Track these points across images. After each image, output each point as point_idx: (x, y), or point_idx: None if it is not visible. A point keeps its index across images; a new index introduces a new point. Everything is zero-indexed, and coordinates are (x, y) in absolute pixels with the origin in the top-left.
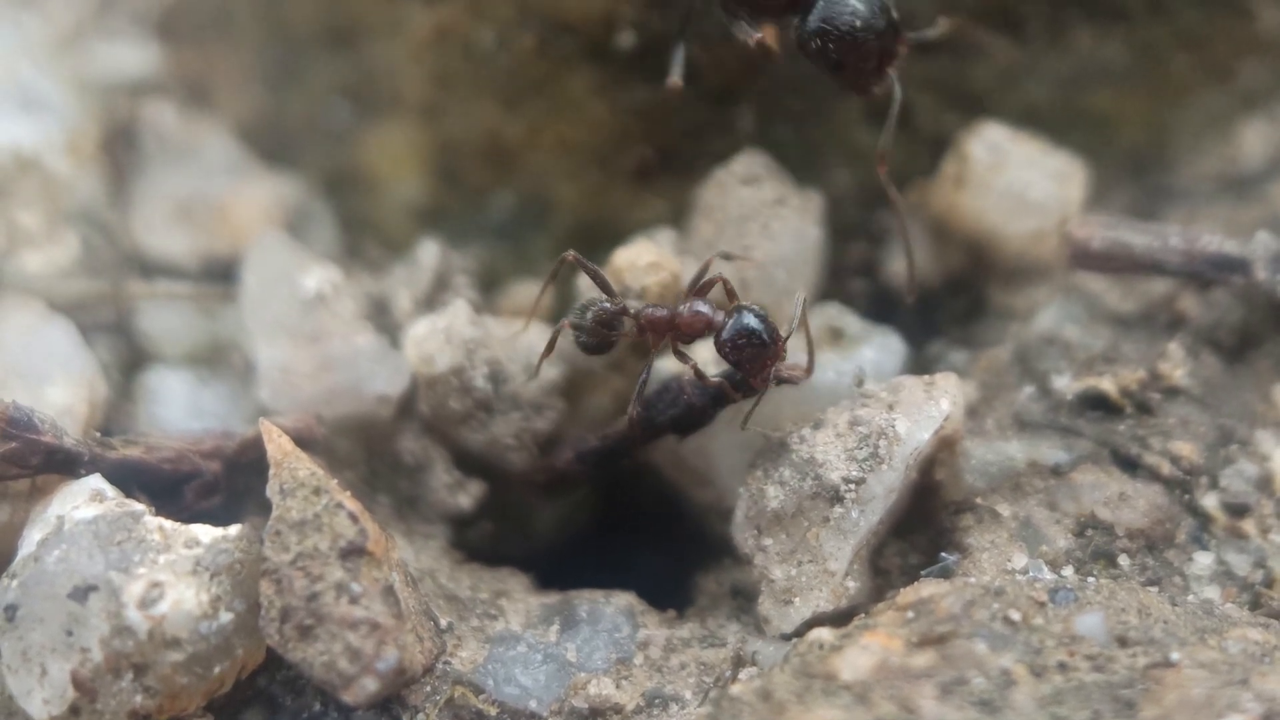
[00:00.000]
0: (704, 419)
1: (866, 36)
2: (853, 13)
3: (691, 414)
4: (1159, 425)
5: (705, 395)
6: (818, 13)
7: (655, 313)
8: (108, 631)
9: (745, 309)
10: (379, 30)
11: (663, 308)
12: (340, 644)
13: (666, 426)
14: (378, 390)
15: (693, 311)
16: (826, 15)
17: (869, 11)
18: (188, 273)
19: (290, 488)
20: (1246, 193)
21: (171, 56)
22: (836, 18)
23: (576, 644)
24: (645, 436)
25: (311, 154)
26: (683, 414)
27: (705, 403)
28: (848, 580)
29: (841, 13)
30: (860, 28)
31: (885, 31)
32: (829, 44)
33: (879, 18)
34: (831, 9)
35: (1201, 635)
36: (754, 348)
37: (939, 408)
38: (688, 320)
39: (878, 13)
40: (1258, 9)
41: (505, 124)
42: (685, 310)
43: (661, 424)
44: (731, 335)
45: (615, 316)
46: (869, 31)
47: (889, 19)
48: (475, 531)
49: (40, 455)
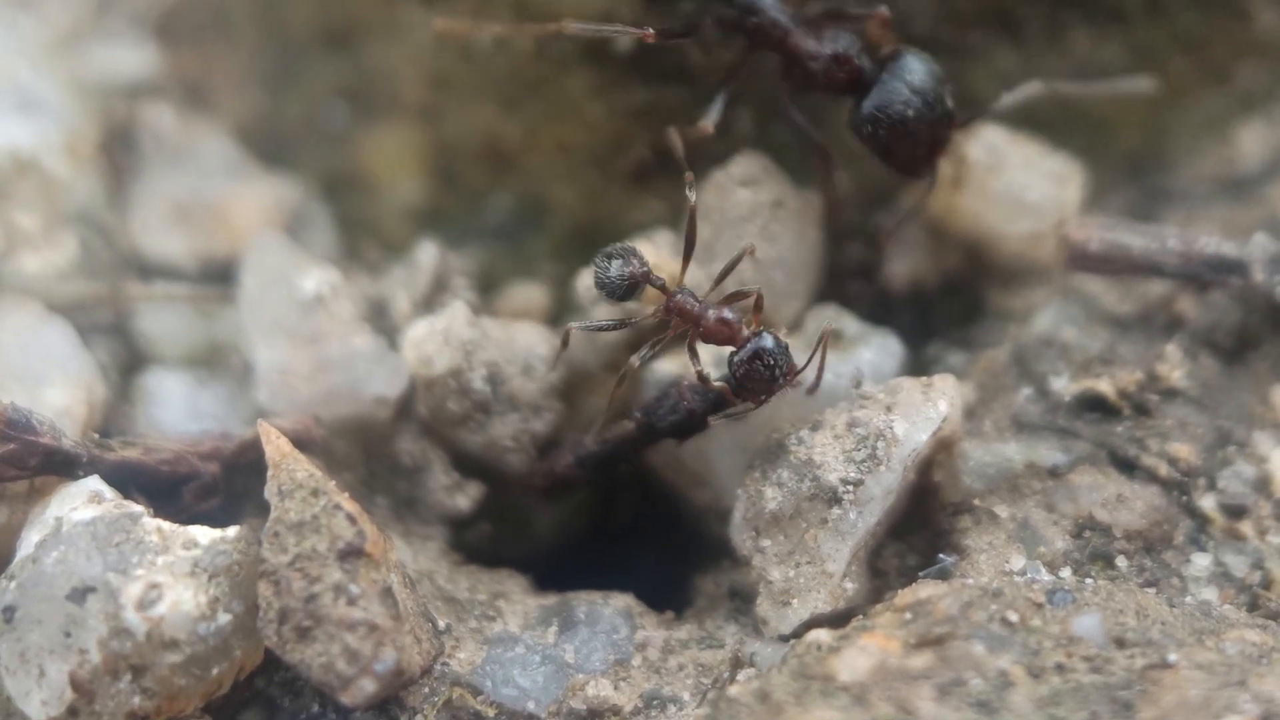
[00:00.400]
0: (703, 424)
1: (919, 125)
2: (906, 102)
3: (691, 419)
4: (1157, 427)
5: (705, 401)
6: (873, 99)
7: (687, 302)
8: (106, 633)
9: (768, 334)
10: (377, 32)
11: (695, 300)
12: (338, 645)
13: (666, 432)
14: (376, 392)
15: (720, 319)
16: (881, 103)
17: (923, 101)
18: (186, 274)
19: (288, 489)
20: (1244, 194)
21: (170, 58)
22: (890, 105)
23: (575, 645)
24: (645, 441)
25: (310, 155)
26: (683, 420)
27: (705, 408)
28: (846, 582)
29: (895, 101)
30: (913, 117)
31: (938, 120)
32: (880, 130)
33: (933, 107)
34: (886, 96)
35: (1199, 636)
36: (766, 374)
37: (937, 409)
38: (713, 326)
39: (932, 102)
40: (1256, 11)
41: (503, 126)
42: (713, 316)
43: (661, 429)
44: (747, 358)
45: (640, 278)
46: (921, 121)
47: (944, 108)
48: (473, 533)
49: (38, 457)
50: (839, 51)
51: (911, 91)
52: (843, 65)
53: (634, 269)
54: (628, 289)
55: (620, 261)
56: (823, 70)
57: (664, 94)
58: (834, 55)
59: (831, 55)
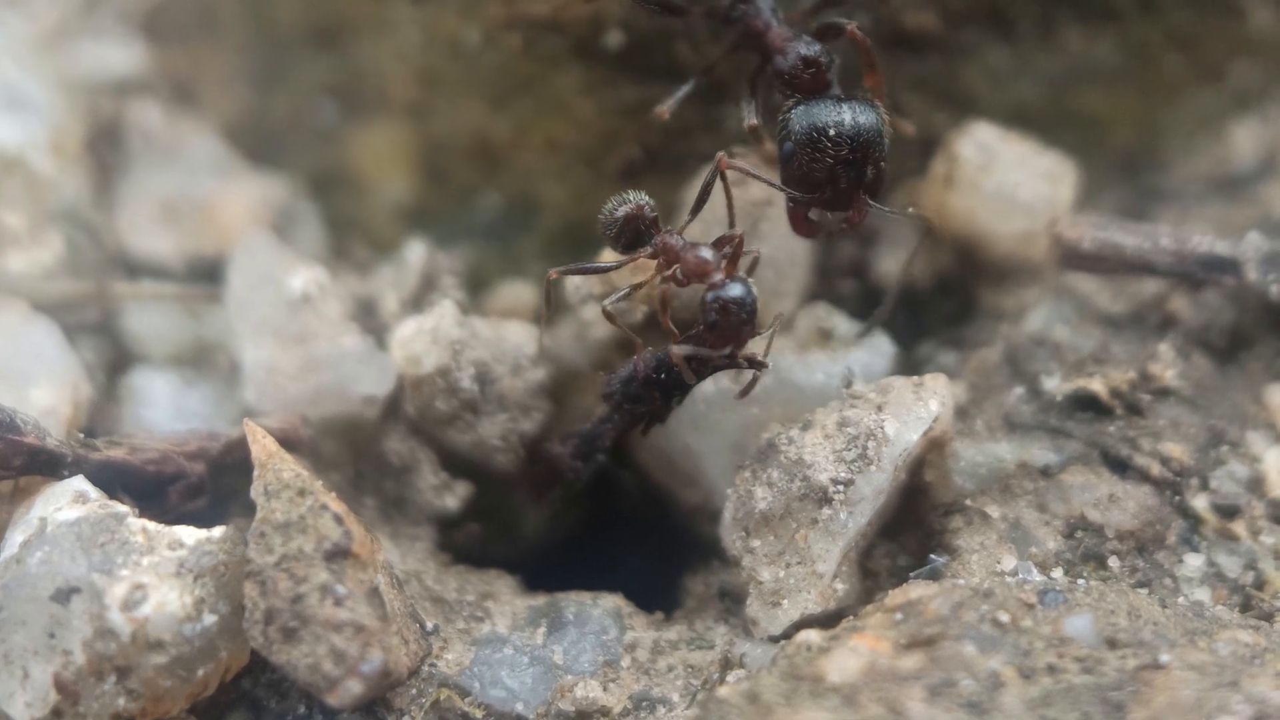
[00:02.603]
0: (665, 390)
1: (828, 164)
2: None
3: (646, 382)
4: (1149, 426)
5: (655, 360)
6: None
7: (670, 239)
8: (90, 634)
9: (744, 279)
10: (365, 30)
11: (679, 239)
12: (325, 646)
13: (634, 399)
14: (364, 391)
15: (698, 257)
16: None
17: (850, 147)
18: (173, 273)
19: (275, 489)
20: (1238, 193)
21: (157, 56)
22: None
23: (563, 646)
24: (622, 415)
25: (298, 154)
26: (640, 385)
27: (651, 367)
28: (836, 582)
29: (827, 123)
30: (830, 150)
31: (851, 175)
32: (790, 143)
33: (854, 161)
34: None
35: (1191, 637)
36: (734, 319)
37: (928, 409)
38: (691, 263)
39: (856, 155)
40: (1249, 9)
41: (492, 124)
42: (692, 254)
43: (630, 398)
44: (714, 298)
45: (636, 219)
46: (834, 162)
47: (863, 169)
48: (462, 533)
49: (23, 456)
50: (809, 54)
51: (846, 131)
52: (809, 67)
53: (629, 209)
54: (624, 229)
55: (628, 207)
56: (789, 68)
57: (653, 91)
58: (803, 56)
59: (801, 56)
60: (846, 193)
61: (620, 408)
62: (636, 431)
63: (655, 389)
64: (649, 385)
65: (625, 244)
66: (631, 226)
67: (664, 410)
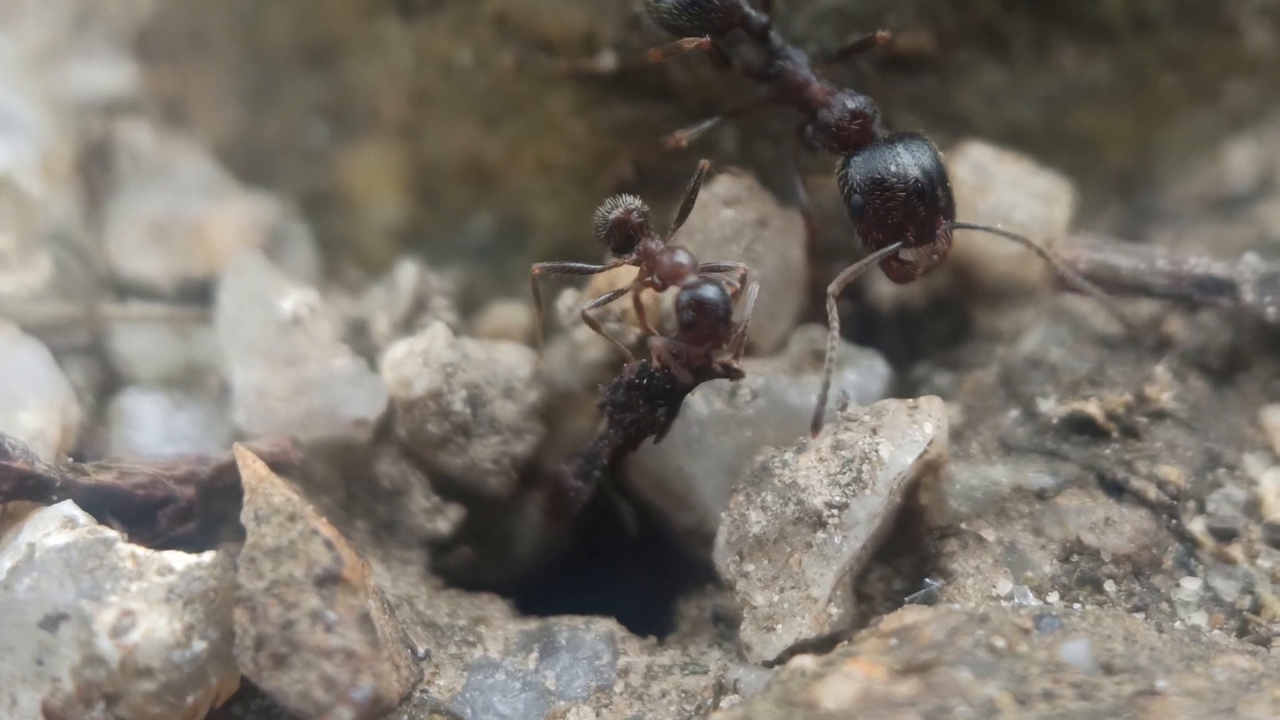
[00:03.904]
0: (648, 395)
1: (902, 202)
2: (900, 172)
3: (631, 389)
4: (1145, 449)
5: (637, 366)
6: (864, 159)
7: (649, 244)
8: (79, 661)
9: (718, 281)
10: (357, 50)
11: (658, 243)
12: (315, 673)
13: (626, 409)
14: (355, 414)
15: (675, 261)
16: (873, 166)
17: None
18: (163, 294)
19: (265, 514)
20: (1234, 213)
21: (147, 76)
22: (882, 169)
23: (556, 671)
24: (619, 431)
25: (289, 174)
26: (626, 393)
27: (633, 375)
28: (830, 606)
29: (887, 166)
30: (898, 189)
31: (927, 206)
32: (859, 193)
33: (925, 194)
34: (882, 160)
35: (1188, 663)
36: (708, 319)
37: (923, 431)
38: (667, 266)
39: (925, 188)
40: (1245, 29)
41: (484, 144)
42: (668, 257)
43: (621, 408)
44: (687, 299)
45: (625, 222)
46: (908, 199)
47: (936, 199)
48: (454, 556)
49: (11, 481)
50: (856, 106)
51: (909, 167)
52: (856, 119)
53: (619, 214)
54: (613, 232)
55: (618, 211)
56: (836, 121)
57: (646, 111)
58: (850, 109)
59: (848, 109)
60: (928, 223)
61: (612, 419)
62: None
63: (640, 395)
64: (633, 391)
65: (615, 247)
66: (620, 230)
67: (653, 421)
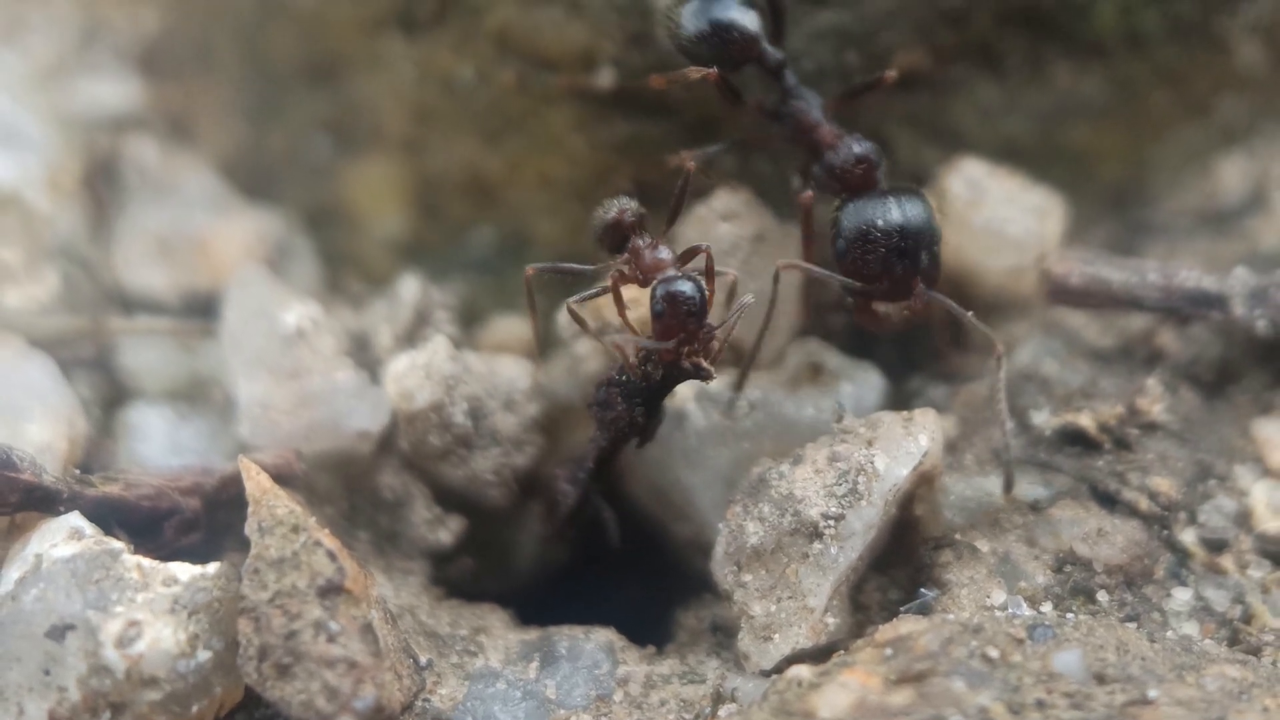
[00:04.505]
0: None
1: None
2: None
3: (610, 387)
4: (1137, 461)
5: (615, 364)
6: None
7: (637, 242)
8: (85, 671)
9: (694, 277)
10: (359, 66)
11: (646, 240)
12: (318, 682)
13: (608, 408)
14: (358, 426)
15: (655, 257)
16: (863, 215)
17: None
18: (168, 308)
19: (269, 525)
20: (1225, 228)
21: (153, 92)
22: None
23: (556, 681)
24: (605, 435)
25: (292, 189)
26: (608, 393)
27: (610, 375)
28: (827, 616)
29: (875, 219)
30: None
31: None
32: (843, 241)
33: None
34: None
35: (1180, 672)
36: (680, 311)
37: (918, 444)
38: (648, 260)
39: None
40: (1235, 45)
41: (485, 159)
42: (649, 254)
43: (604, 409)
44: (660, 292)
45: (627, 228)
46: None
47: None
48: (455, 567)
49: (19, 493)
50: (861, 151)
51: (895, 222)
52: (860, 164)
53: (614, 214)
54: (607, 232)
55: (614, 210)
56: (840, 164)
57: (646, 127)
58: (855, 154)
59: (853, 153)
60: (904, 282)
61: (597, 419)
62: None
63: (618, 392)
64: (612, 388)
65: (609, 247)
66: (614, 230)
67: (632, 420)
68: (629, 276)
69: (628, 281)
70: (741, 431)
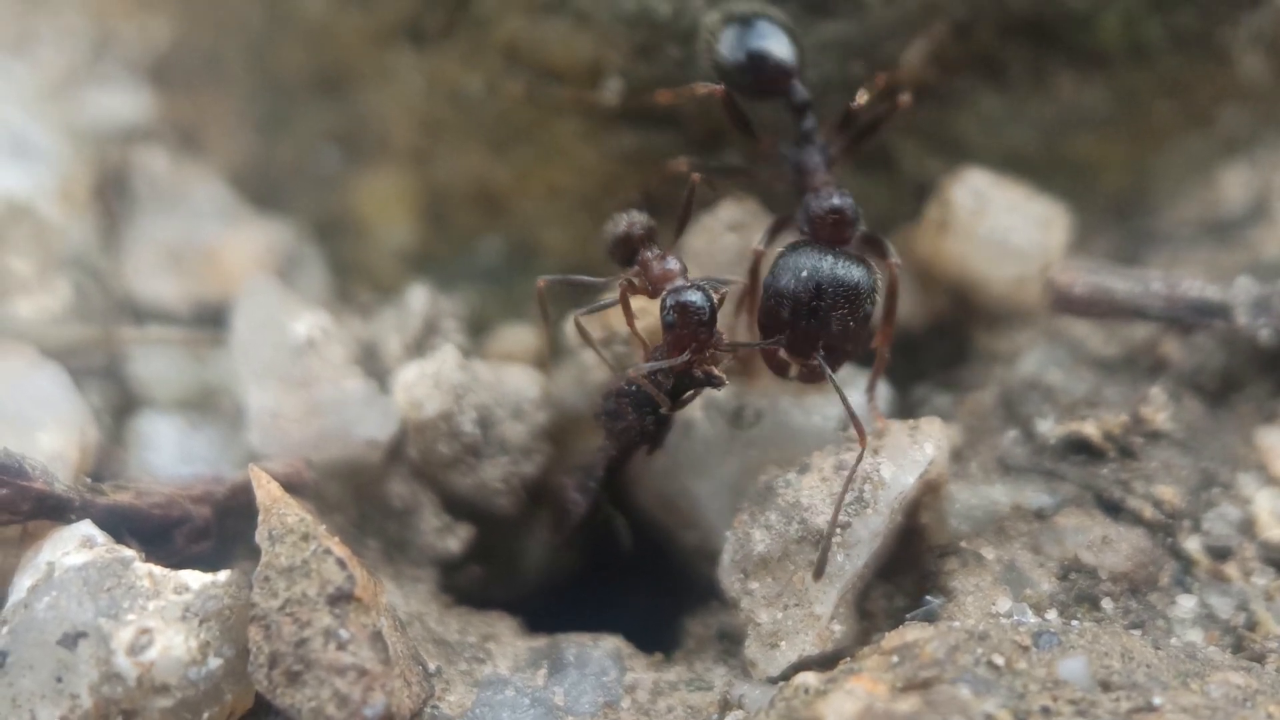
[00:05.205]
0: (631, 406)
1: (785, 315)
2: (795, 286)
3: (619, 400)
4: (1142, 469)
5: (620, 379)
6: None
7: (646, 254)
8: (97, 678)
9: (704, 287)
10: (368, 77)
11: (655, 252)
12: (328, 690)
13: (612, 415)
14: (367, 435)
15: (664, 268)
16: (786, 267)
17: (808, 302)
18: (179, 318)
19: (279, 533)
20: (1228, 237)
21: (163, 103)
22: (784, 278)
23: (564, 688)
24: (613, 441)
25: (302, 199)
26: (615, 404)
27: (616, 386)
28: (833, 624)
29: (792, 276)
30: (787, 302)
31: (806, 328)
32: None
33: (810, 317)
34: (797, 264)
35: (1184, 679)
36: (690, 321)
37: (923, 452)
38: (656, 270)
39: (813, 312)
40: (1238, 55)
41: (494, 170)
42: (658, 264)
43: (610, 417)
44: (670, 301)
45: (636, 241)
46: (790, 315)
47: (817, 323)
48: (463, 575)
49: (31, 501)
50: (838, 204)
51: (814, 282)
52: (833, 214)
53: (624, 227)
54: (617, 245)
55: (623, 224)
56: (815, 209)
57: (653, 138)
58: (833, 204)
59: (831, 203)
60: (805, 341)
61: (605, 429)
62: (636, 463)
63: (628, 402)
64: (622, 398)
65: (620, 260)
66: (624, 244)
67: (643, 429)
68: (639, 288)
69: (637, 292)
70: (748, 440)
